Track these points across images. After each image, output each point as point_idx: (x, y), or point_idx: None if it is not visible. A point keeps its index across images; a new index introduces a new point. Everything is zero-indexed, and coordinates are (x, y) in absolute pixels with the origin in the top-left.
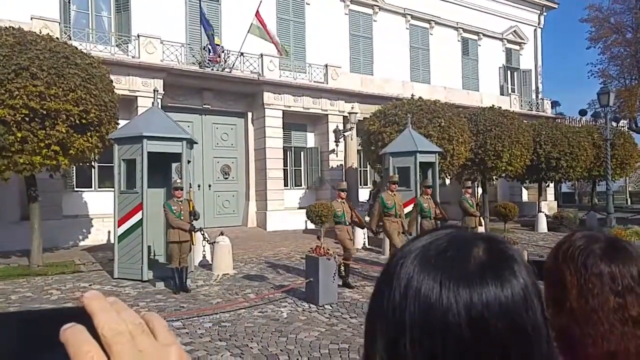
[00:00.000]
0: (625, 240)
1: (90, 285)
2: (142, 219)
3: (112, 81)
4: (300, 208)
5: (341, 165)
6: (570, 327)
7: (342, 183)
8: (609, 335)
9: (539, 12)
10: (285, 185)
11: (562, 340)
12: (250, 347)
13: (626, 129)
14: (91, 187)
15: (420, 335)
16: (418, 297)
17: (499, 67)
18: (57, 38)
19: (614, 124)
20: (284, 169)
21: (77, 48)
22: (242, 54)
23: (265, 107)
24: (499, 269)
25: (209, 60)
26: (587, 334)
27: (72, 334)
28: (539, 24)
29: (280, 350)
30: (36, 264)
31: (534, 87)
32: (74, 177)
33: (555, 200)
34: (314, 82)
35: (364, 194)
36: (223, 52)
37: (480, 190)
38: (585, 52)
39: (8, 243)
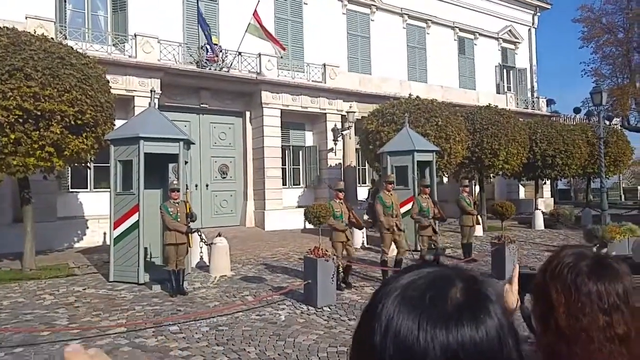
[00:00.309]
0: (611, 257)
1: (84, 289)
2: (138, 220)
3: (108, 81)
4: (299, 207)
5: (340, 164)
6: (558, 345)
7: (339, 183)
8: (597, 354)
9: (532, 12)
10: (283, 184)
11: (549, 358)
12: (248, 352)
13: (619, 127)
14: (87, 188)
15: None
16: (397, 337)
17: (495, 66)
18: (52, 38)
19: (607, 122)
20: (282, 168)
21: (72, 48)
22: (239, 53)
23: (264, 106)
24: (475, 309)
25: (206, 59)
26: (575, 352)
27: None
28: (533, 23)
29: (278, 354)
30: (29, 267)
31: (529, 86)
32: (69, 177)
33: (551, 197)
34: (312, 81)
35: (362, 193)
36: (221, 51)
37: (477, 189)
38: (579, 51)
39: (0, 246)
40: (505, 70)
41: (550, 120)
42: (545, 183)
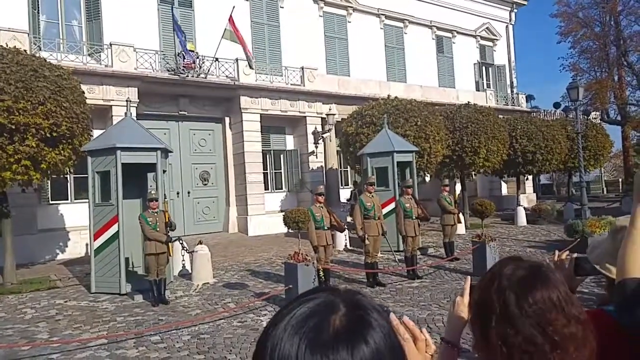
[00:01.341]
0: (548, 266)
1: (65, 301)
2: (118, 231)
3: (83, 92)
4: (281, 211)
5: (321, 166)
6: (491, 356)
7: (319, 187)
8: None
9: (509, 9)
10: (265, 189)
11: None
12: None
13: (599, 121)
14: (67, 199)
15: None
16: None
17: (474, 64)
18: (25, 50)
19: (585, 116)
20: (263, 173)
21: (45, 60)
22: (217, 59)
23: (243, 111)
24: (352, 336)
25: (183, 66)
26: None
27: None
28: (510, 20)
29: None
30: (9, 281)
31: (508, 82)
32: (49, 189)
33: (534, 192)
34: (291, 84)
35: (345, 195)
36: (198, 58)
37: (459, 187)
38: (558, 46)
39: None
40: (484, 68)
41: (530, 116)
42: (527, 179)
